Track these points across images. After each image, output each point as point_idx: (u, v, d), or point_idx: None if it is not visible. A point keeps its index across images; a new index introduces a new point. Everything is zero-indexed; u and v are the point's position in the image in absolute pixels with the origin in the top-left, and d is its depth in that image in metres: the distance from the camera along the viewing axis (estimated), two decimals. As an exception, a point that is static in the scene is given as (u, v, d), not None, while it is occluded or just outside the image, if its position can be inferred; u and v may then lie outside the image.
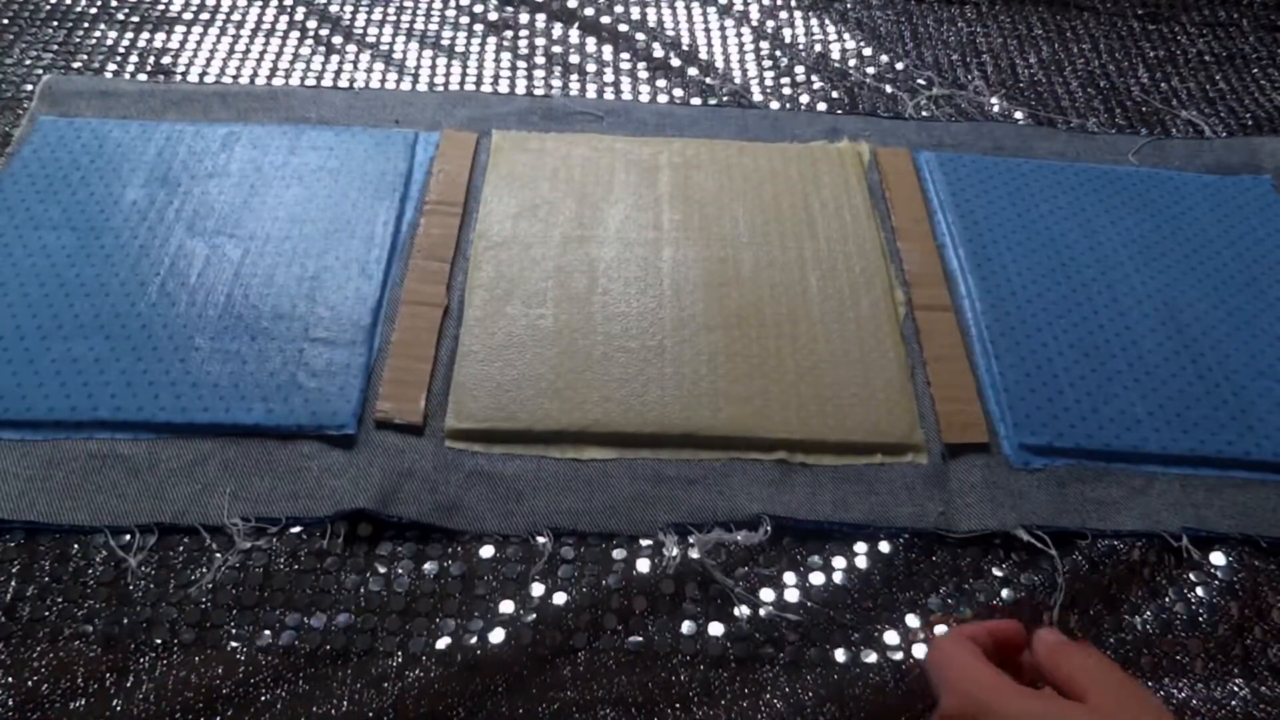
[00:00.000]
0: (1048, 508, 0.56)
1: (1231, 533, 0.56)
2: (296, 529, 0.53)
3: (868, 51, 0.85)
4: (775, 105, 0.79)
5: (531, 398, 0.58)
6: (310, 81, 0.77)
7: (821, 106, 0.80)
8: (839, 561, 0.54)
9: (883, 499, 0.56)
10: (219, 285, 0.62)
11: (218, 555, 0.51)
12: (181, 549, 0.52)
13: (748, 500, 0.55)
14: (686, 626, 0.51)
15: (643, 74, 0.81)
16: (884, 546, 0.55)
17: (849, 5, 0.90)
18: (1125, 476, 0.57)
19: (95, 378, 0.56)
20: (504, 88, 0.78)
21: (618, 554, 0.53)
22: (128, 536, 0.52)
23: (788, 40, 0.86)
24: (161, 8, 0.82)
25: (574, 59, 0.82)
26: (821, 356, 0.61)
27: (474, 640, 0.49)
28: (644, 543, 0.54)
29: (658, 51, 0.83)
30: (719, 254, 0.66)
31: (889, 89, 0.82)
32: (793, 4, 0.90)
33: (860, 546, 0.55)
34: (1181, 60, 0.89)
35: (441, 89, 0.77)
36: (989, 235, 0.68)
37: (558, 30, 0.84)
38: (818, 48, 0.85)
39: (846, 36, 0.87)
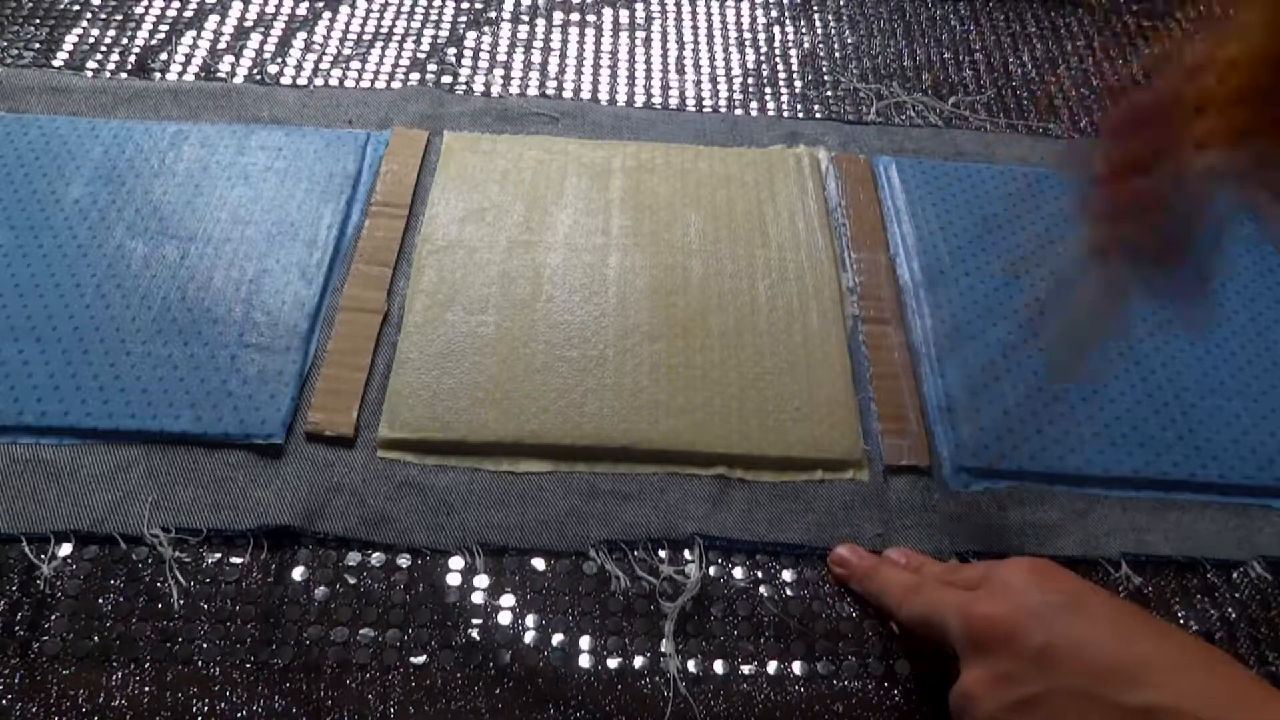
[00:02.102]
0: (987, 531, 0.55)
1: (1175, 555, 0.55)
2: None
3: (839, 54, 0.84)
4: (738, 109, 0.78)
5: (468, 407, 0.57)
6: (266, 78, 0.76)
7: (785, 110, 0.78)
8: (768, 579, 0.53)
9: (820, 518, 0.55)
10: (155, 288, 0.61)
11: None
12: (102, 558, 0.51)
13: (682, 518, 0.54)
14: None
15: (603, 75, 0.79)
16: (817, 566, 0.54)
17: (842, 3, 0.89)
18: (1067, 499, 0.56)
19: (22, 381, 0.56)
20: (461, 87, 0.77)
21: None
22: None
23: (763, 40, 0.84)
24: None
25: (535, 58, 0.80)
26: (766, 369, 0.60)
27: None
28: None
29: (621, 51, 0.82)
30: (667, 261, 0.65)
31: (860, 91, 0.80)
32: (784, 2, 0.88)
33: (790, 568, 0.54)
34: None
35: (399, 86, 0.76)
36: (944, 245, 0.67)
37: (522, 31, 0.83)
38: (791, 50, 0.84)
39: (821, 36, 0.85)
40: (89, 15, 0.79)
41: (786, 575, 0.53)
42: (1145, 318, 0.64)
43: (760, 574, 0.53)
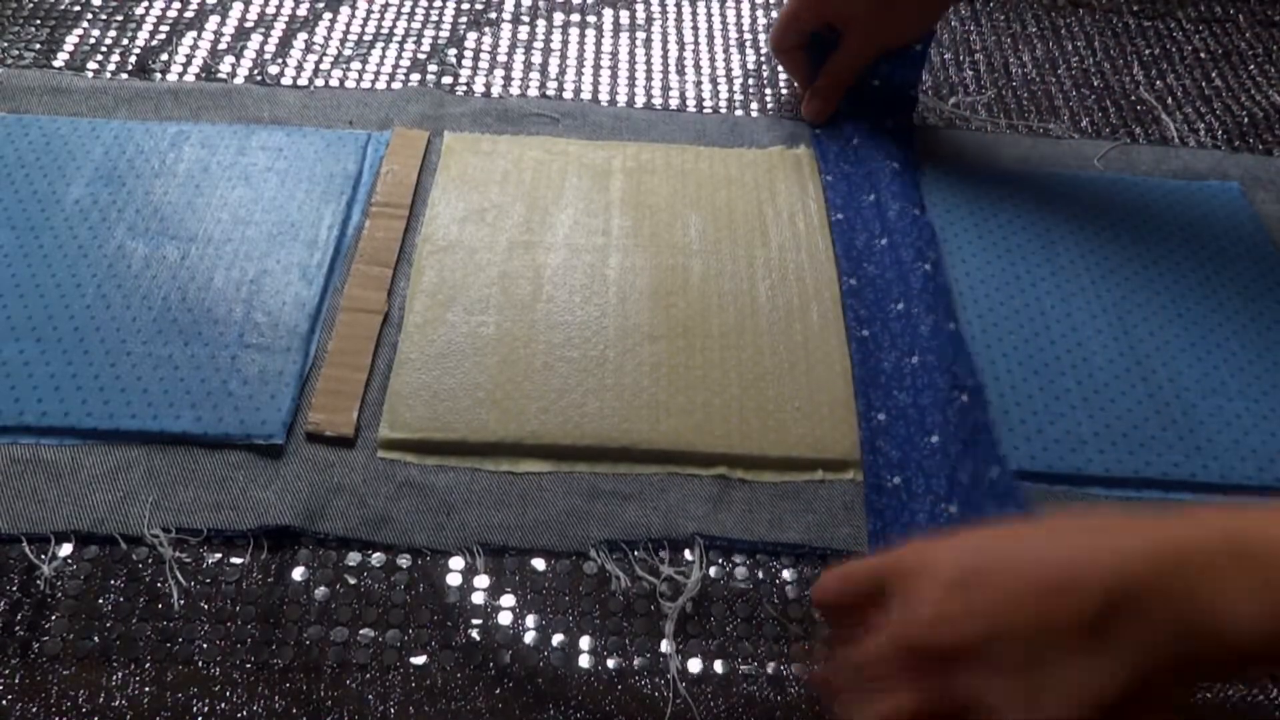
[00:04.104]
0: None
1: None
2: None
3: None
4: (738, 110, 0.78)
5: (469, 408, 0.57)
6: (267, 79, 0.76)
7: (785, 111, 0.78)
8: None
9: (820, 518, 0.55)
10: (156, 288, 0.61)
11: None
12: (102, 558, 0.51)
13: (683, 518, 0.54)
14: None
15: (603, 76, 0.80)
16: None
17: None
18: (1068, 499, 0.56)
19: (23, 381, 0.56)
20: (461, 87, 0.77)
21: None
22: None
23: (763, 41, 0.85)
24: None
25: (535, 59, 0.80)
26: (767, 369, 0.60)
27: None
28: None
29: (622, 52, 0.82)
30: (668, 262, 0.65)
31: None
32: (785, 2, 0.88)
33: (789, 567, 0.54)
34: (1177, 57, 0.87)
35: (399, 87, 0.76)
36: (942, 247, 0.67)
37: (522, 32, 0.83)
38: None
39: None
40: (89, 16, 0.79)
41: (787, 575, 0.53)
42: (1147, 318, 0.64)
43: (761, 574, 0.53)
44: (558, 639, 0.50)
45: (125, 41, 0.78)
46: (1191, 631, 0.34)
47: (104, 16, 0.80)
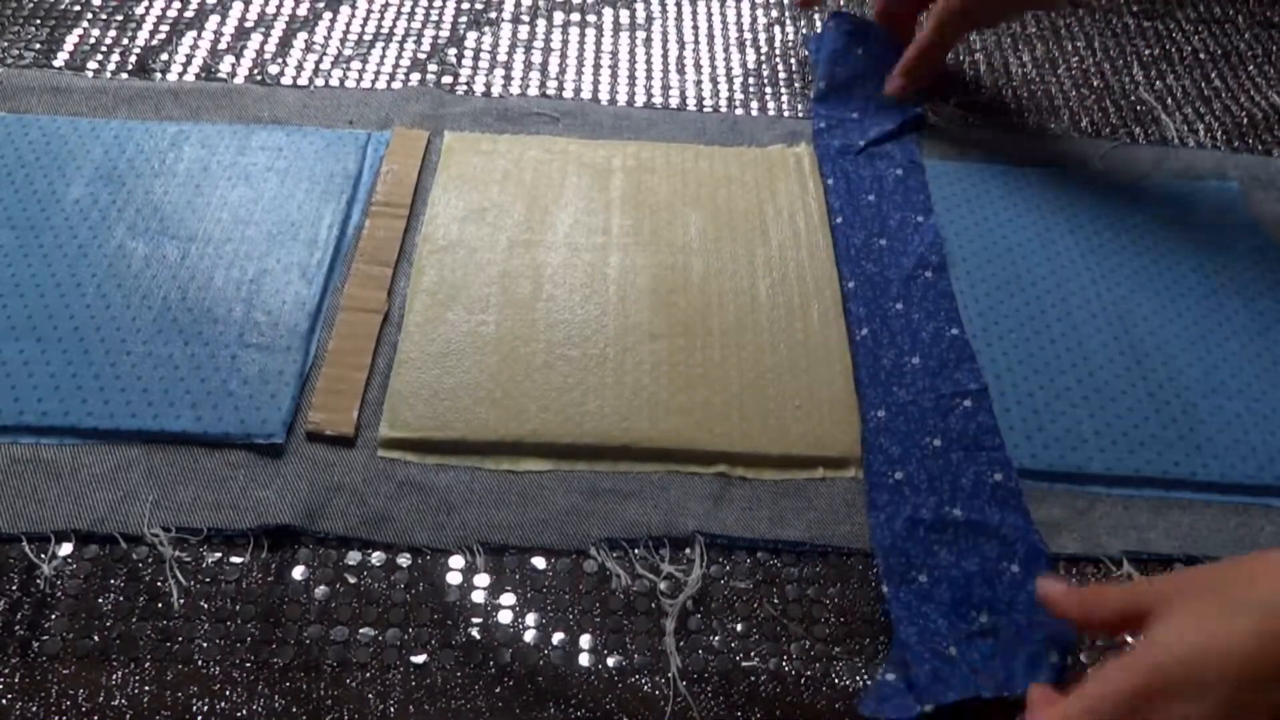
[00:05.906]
0: (987, 528, 0.55)
1: (1176, 554, 0.54)
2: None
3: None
4: (738, 109, 0.78)
5: (469, 407, 0.57)
6: (267, 79, 0.76)
7: (785, 110, 0.78)
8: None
9: (821, 515, 0.55)
10: (156, 287, 0.61)
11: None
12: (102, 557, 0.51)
13: (684, 516, 0.54)
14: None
15: (603, 75, 0.80)
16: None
17: (842, 3, 0.89)
18: (1069, 497, 0.56)
19: (23, 380, 0.56)
20: (461, 87, 0.77)
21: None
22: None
23: (763, 40, 0.85)
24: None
25: (535, 58, 0.80)
26: (767, 367, 0.60)
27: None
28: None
29: (622, 51, 0.82)
30: (668, 260, 0.65)
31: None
32: (784, 2, 0.88)
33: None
34: (1177, 58, 0.87)
35: (399, 87, 0.76)
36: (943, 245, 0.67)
37: (522, 31, 0.83)
38: (791, 49, 0.84)
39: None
40: (89, 16, 0.79)
41: (788, 573, 0.53)
42: (1147, 317, 0.64)
43: (761, 572, 0.53)
44: (558, 637, 0.50)
45: (125, 41, 0.78)
46: None
47: (104, 16, 0.80)
